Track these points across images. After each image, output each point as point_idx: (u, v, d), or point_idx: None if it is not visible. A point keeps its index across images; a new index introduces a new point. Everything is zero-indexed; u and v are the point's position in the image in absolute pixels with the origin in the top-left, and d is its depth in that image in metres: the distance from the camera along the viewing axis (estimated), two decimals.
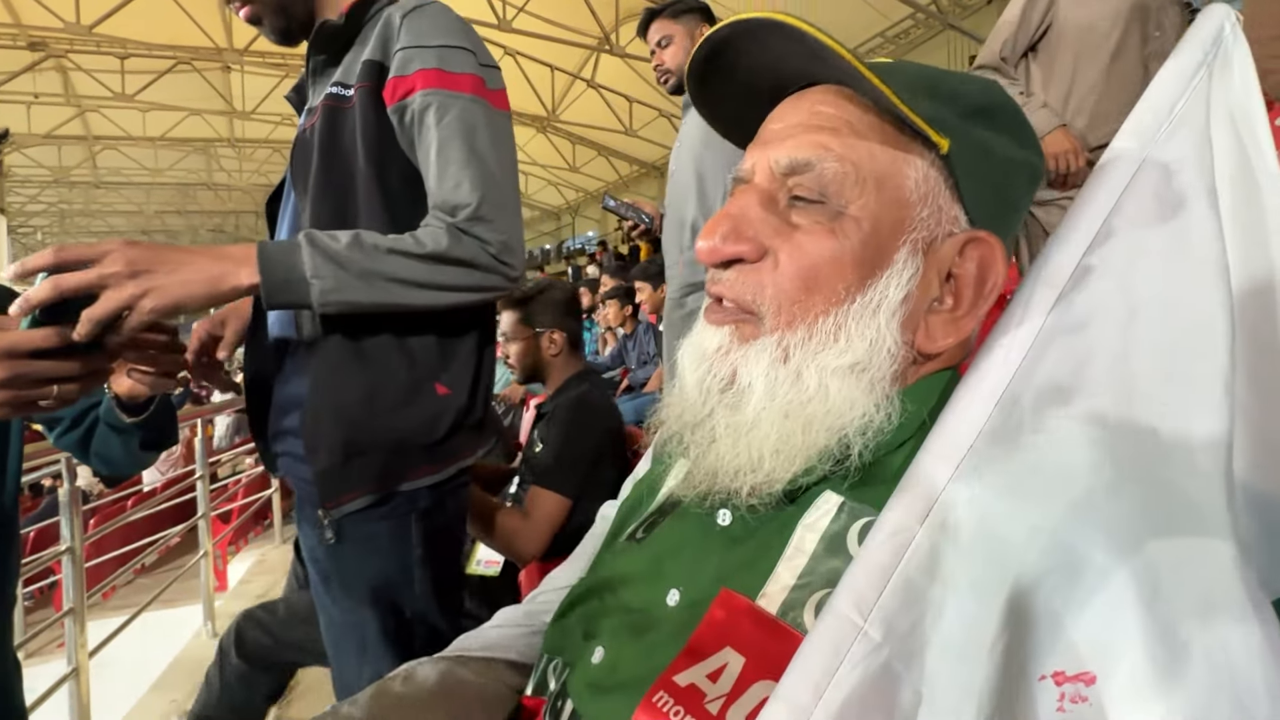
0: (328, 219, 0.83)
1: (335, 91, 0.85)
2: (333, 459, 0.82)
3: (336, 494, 0.82)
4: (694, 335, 0.46)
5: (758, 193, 0.43)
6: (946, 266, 0.42)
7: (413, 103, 0.81)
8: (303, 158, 0.87)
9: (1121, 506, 0.30)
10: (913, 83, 0.41)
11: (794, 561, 0.40)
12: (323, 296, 0.73)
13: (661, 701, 0.38)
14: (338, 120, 0.85)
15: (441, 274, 0.77)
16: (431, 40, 0.82)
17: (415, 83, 0.80)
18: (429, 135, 0.80)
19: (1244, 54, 0.50)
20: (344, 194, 0.84)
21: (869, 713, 0.29)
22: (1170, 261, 0.39)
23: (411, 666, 0.54)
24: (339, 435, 0.82)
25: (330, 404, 0.82)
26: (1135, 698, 0.26)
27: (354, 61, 0.86)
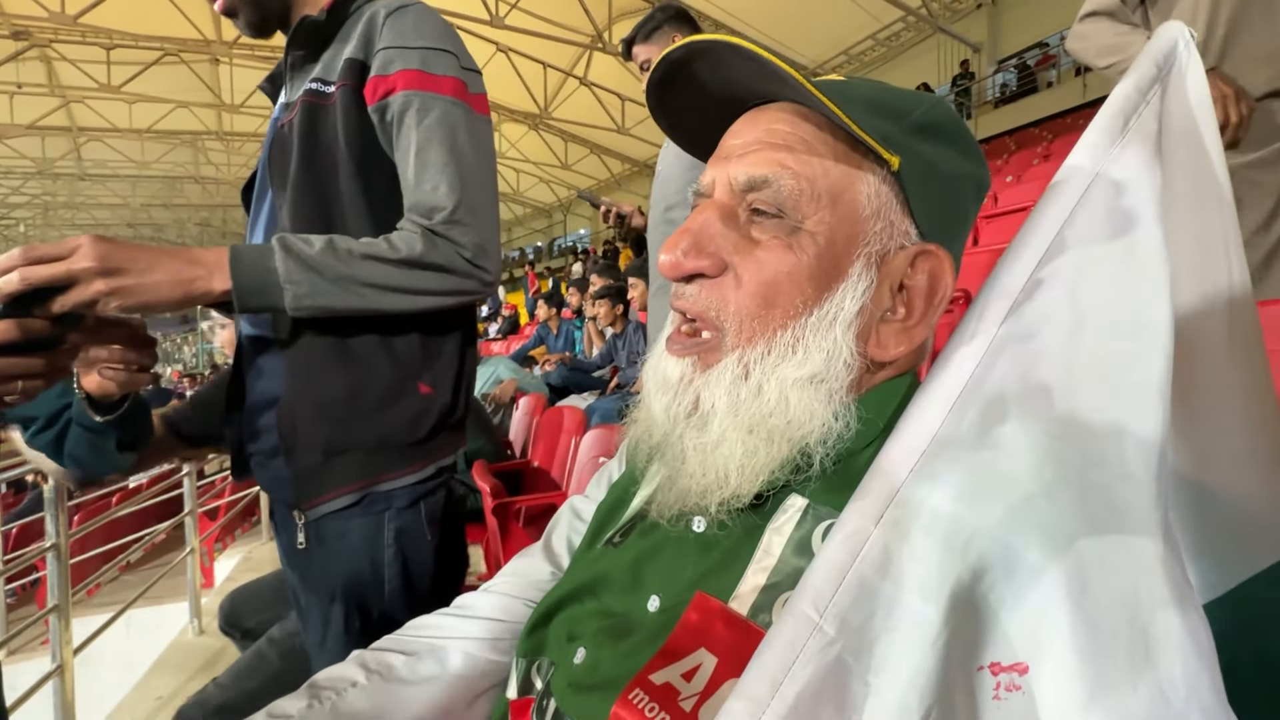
0: (309, 218, 0.82)
1: (315, 88, 0.85)
2: (312, 458, 0.82)
3: (314, 493, 0.82)
4: (657, 363, 0.48)
5: (718, 207, 0.45)
6: (898, 278, 0.44)
7: (393, 103, 0.81)
8: (281, 153, 0.86)
9: (1057, 509, 0.32)
10: (864, 101, 0.43)
11: (763, 564, 0.42)
12: (296, 302, 0.73)
13: (637, 699, 0.40)
14: (318, 118, 0.84)
15: (415, 279, 0.78)
16: (414, 41, 0.82)
17: (396, 83, 0.80)
18: (408, 136, 0.80)
19: (1197, 70, 0.51)
20: (326, 193, 0.84)
21: (821, 704, 0.31)
22: (1116, 275, 0.41)
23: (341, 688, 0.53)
24: (319, 434, 0.82)
25: (310, 402, 0.82)
26: (1063, 686, 0.28)
27: (334, 58, 0.85)
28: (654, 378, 0.47)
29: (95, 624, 2.20)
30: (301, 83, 0.87)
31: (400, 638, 0.59)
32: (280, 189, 0.86)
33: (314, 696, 0.52)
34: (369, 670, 0.54)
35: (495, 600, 0.60)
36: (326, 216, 0.83)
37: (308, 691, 0.53)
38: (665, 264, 0.44)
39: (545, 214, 24.30)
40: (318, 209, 0.83)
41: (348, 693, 0.52)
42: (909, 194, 0.43)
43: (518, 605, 0.59)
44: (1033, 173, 5.98)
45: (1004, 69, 11.59)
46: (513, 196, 22.92)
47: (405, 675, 0.54)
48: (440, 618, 0.60)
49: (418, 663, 0.55)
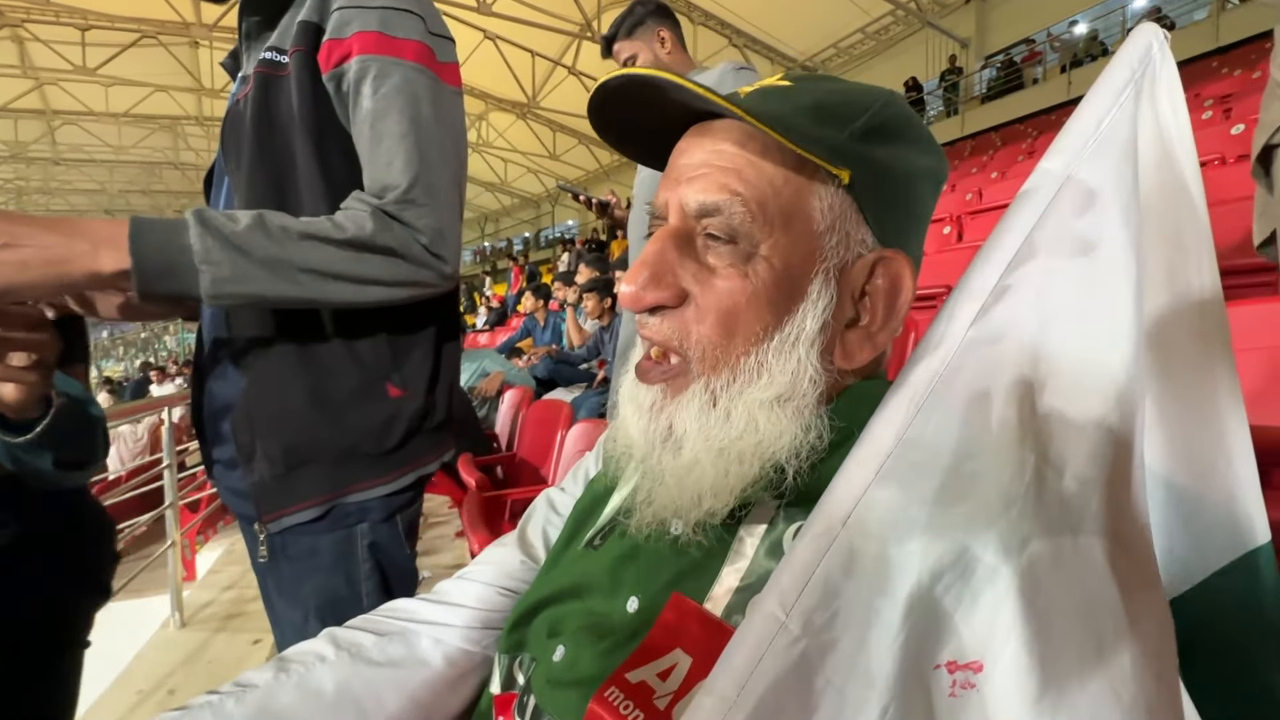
0: (262, 198, 0.74)
1: (269, 58, 0.76)
2: (272, 469, 0.75)
3: (275, 507, 0.75)
4: (630, 385, 0.48)
5: (673, 234, 0.45)
6: (859, 286, 0.44)
7: (349, 69, 0.71)
8: (234, 132, 0.78)
9: (1012, 512, 0.32)
10: (811, 109, 0.43)
11: (736, 566, 0.43)
12: (215, 287, 0.62)
13: (613, 696, 0.40)
14: (271, 90, 0.75)
15: (363, 264, 0.67)
16: (373, 1, 0.72)
17: (352, 46, 0.71)
18: (364, 105, 0.71)
19: (1171, 72, 0.52)
20: (281, 172, 0.75)
21: (785, 699, 0.32)
22: (1082, 280, 0.42)
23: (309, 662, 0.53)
24: (278, 443, 0.74)
25: (267, 409, 0.75)
26: (1016, 683, 0.29)
27: (290, 25, 0.77)
28: (629, 400, 0.48)
29: None
30: (257, 54, 0.79)
31: (374, 618, 0.59)
32: (235, 170, 0.78)
33: (281, 669, 0.52)
34: (339, 647, 0.54)
35: (470, 588, 0.60)
36: (281, 198, 0.74)
37: (276, 664, 0.53)
38: (626, 297, 0.44)
39: (533, 205, 24.13)
40: (271, 190, 0.75)
41: (315, 667, 0.52)
42: (862, 203, 0.43)
43: (491, 593, 0.59)
44: (1017, 169, 6.03)
45: (990, 64, 11.66)
46: (500, 186, 22.75)
47: (374, 656, 0.54)
48: (415, 602, 0.60)
49: (388, 644, 0.55)
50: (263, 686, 0.50)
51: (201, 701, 0.49)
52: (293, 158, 0.75)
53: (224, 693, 0.50)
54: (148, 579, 2.82)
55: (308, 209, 0.74)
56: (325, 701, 0.51)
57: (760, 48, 12.94)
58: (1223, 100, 5.09)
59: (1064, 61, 10.43)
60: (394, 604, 0.60)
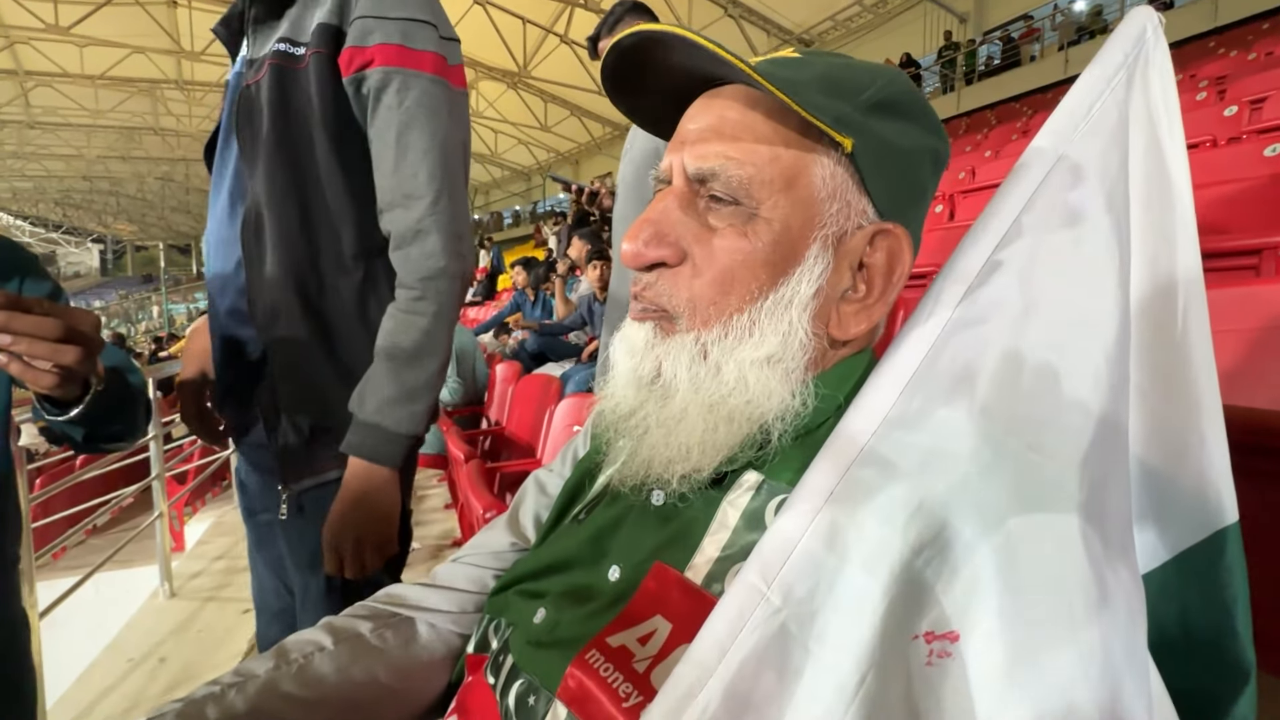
0: (284, 190, 0.81)
1: (284, 49, 0.81)
2: (298, 437, 0.82)
3: (301, 472, 0.83)
4: (624, 330, 0.48)
5: (677, 195, 0.45)
6: (857, 257, 0.44)
7: (370, 77, 0.78)
8: (248, 115, 0.83)
9: (991, 489, 0.33)
10: (817, 80, 0.42)
11: (718, 536, 0.43)
12: (414, 429, 0.81)
13: (593, 659, 0.41)
14: (287, 81, 0.81)
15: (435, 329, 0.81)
16: (393, 10, 0.79)
17: (374, 56, 0.78)
18: (388, 116, 0.79)
19: (1164, 57, 0.52)
20: (302, 165, 0.82)
21: (764, 669, 0.33)
22: (1065, 263, 0.42)
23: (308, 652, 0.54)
24: (306, 416, 0.83)
25: (294, 383, 0.83)
26: (990, 652, 0.30)
27: (303, 16, 0.83)
28: (622, 345, 0.48)
29: (62, 587, 2.18)
30: (266, 39, 0.84)
31: (371, 605, 0.60)
32: (250, 156, 0.84)
33: (281, 659, 0.53)
34: (337, 637, 0.55)
35: (464, 571, 0.61)
36: (302, 189, 0.82)
37: (275, 654, 0.54)
38: (627, 253, 0.44)
39: (524, 177, 23.78)
40: (293, 181, 0.82)
41: (315, 657, 0.53)
42: (864, 174, 0.43)
43: (486, 576, 0.60)
44: (1011, 148, 6.01)
45: (989, 40, 11.53)
46: (490, 158, 22.36)
47: (372, 643, 0.55)
48: (410, 588, 0.61)
49: (385, 631, 0.57)
50: (264, 676, 0.51)
51: (204, 693, 0.49)
52: (312, 152, 0.82)
53: (225, 684, 0.50)
54: (136, 549, 2.83)
55: (328, 196, 0.83)
56: (326, 690, 0.52)
57: (756, 19, 12.70)
58: (1218, 81, 5.07)
59: (1063, 40, 10.33)
60: (390, 590, 0.61)
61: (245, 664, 0.53)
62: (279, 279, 0.82)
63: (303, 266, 0.82)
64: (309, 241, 0.83)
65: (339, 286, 0.84)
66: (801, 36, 13.01)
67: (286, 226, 0.82)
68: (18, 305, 0.59)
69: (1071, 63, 9.63)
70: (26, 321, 0.59)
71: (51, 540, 2.47)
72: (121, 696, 2.11)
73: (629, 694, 0.38)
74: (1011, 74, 10.75)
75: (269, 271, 0.82)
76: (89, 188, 27.34)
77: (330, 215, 0.83)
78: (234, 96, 0.86)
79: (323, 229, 0.83)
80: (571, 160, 20.32)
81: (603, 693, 0.39)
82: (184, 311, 28.53)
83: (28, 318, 0.59)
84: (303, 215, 0.83)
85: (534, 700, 0.43)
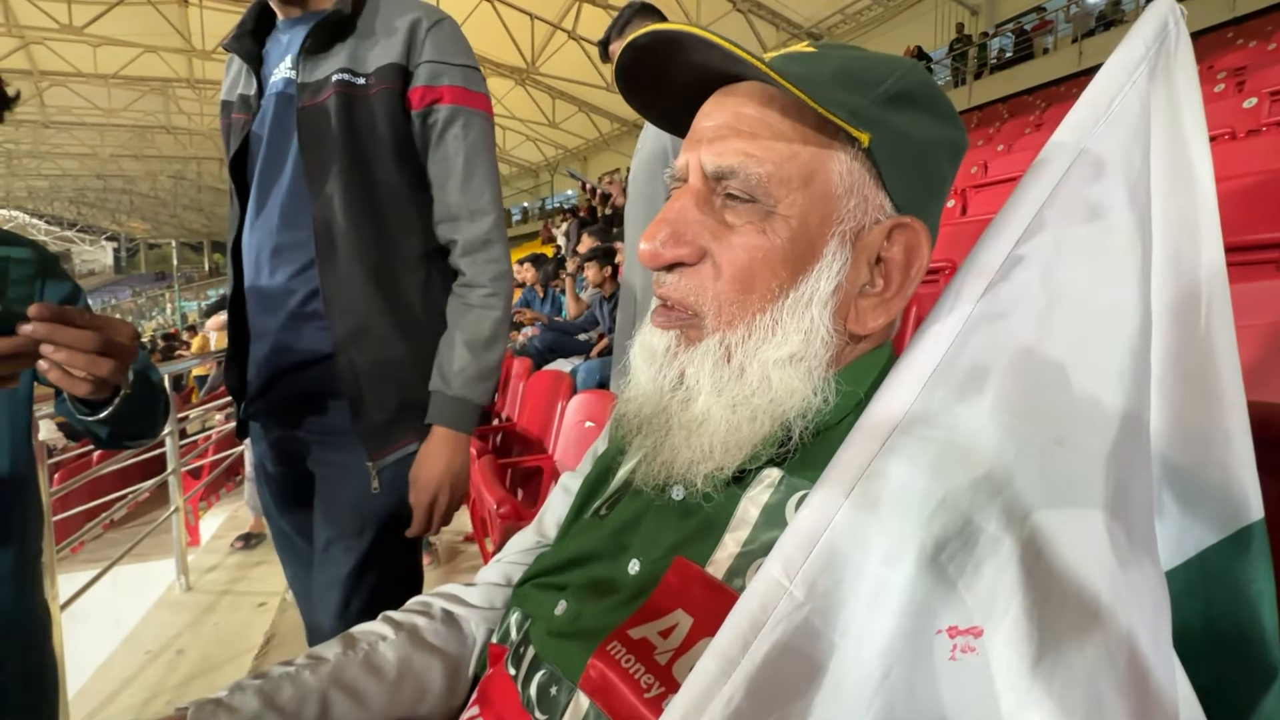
0: (360, 201, 0.94)
1: (347, 79, 0.93)
2: (385, 414, 0.95)
3: (384, 445, 0.95)
4: (643, 335, 0.48)
5: (693, 193, 0.45)
6: (875, 252, 0.44)
7: (439, 112, 0.96)
8: (316, 135, 0.93)
9: (1016, 484, 0.33)
10: (833, 74, 0.42)
11: (738, 532, 0.43)
12: (488, 400, 0.99)
13: (615, 650, 0.41)
14: (354, 107, 0.93)
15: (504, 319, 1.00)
16: (455, 58, 0.97)
17: (444, 95, 0.96)
18: (455, 145, 0.97)
19: (1186, 49, 0.51)
20: (374, 180, 0.95)
21: (788, 662, 0.33)
22: (1089, 257, 0.42)
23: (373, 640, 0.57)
24: (392, 393, 0.96)
25: (380, 370, 0.95)
26: (1014, 647, 0.30)
27: (359, 50, 0.95)
28: (641, 351, 0.48)
29: (81, 580, 2.21)
30: (318, 66, 0.95)
31: (426, 600, 0.63)
32: (318, 171, 0.94)
33: (349, 645, 0.56)
34: (398, 628, 0.59)
35: (502, 570, 0.64)
36: (378, 202, 0.95)
37: (343, 640, 0.57)
38: (645, 253, 0.44)
39: (532, 174, 23.79)
40: (369, 196, 0.95)
41: (379, 645, 0.57)
42: (882, 168, 0.43)
43: (516, 574, 0.62)
44: (1024, 142, 5.94)
45: (1001, 33, 11.39)
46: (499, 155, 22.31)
47: (429, 638, 0.59)
48: (460, 588, 0.64)
49: (440, 627, 0.60)
50: (333, 660, 0.55)
51: (280, 672, 0.53)
52: (382, 171, 0.96)
53: (299, 664, 0.54)
54: (152, 544, 2.87)
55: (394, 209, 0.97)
56: (387, 676, 0.55)
57: (765, 13, 12.60)
58: (1236, 73, 4.99)
59: (1078, 32, 10.18)
60: (442, 588, 0.65)
61: (316, 648, 0.56)
62: (359, 280, 0.94)
63: (380, 269, 0.95)
64: (383, 247, 0.96)
65: (409, 285, 0.98)
66: (811, 30, 12.91)
67: (365, 235, 0.94)
68: (61, 317, 0.61)
69: (1086, 55, 9.49)
70: (69, 334, 0.61)
71: (71, 534, 2.51)
72: (140, 688, 2.14)
73: (650, 685, 0.39)
74: (1024, 67, 10.60)
75: (345, 274, 0.94)
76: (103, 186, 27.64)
77: (399, 224, 0.97)
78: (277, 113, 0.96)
79: (394, 236, 0.97)
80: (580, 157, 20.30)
81: (624, 683, 0.39)
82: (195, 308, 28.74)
83: (70, 330, 0.61)
84: (378, 225, 0.95)
85: (555, 690, 0.43)
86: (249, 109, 1.00)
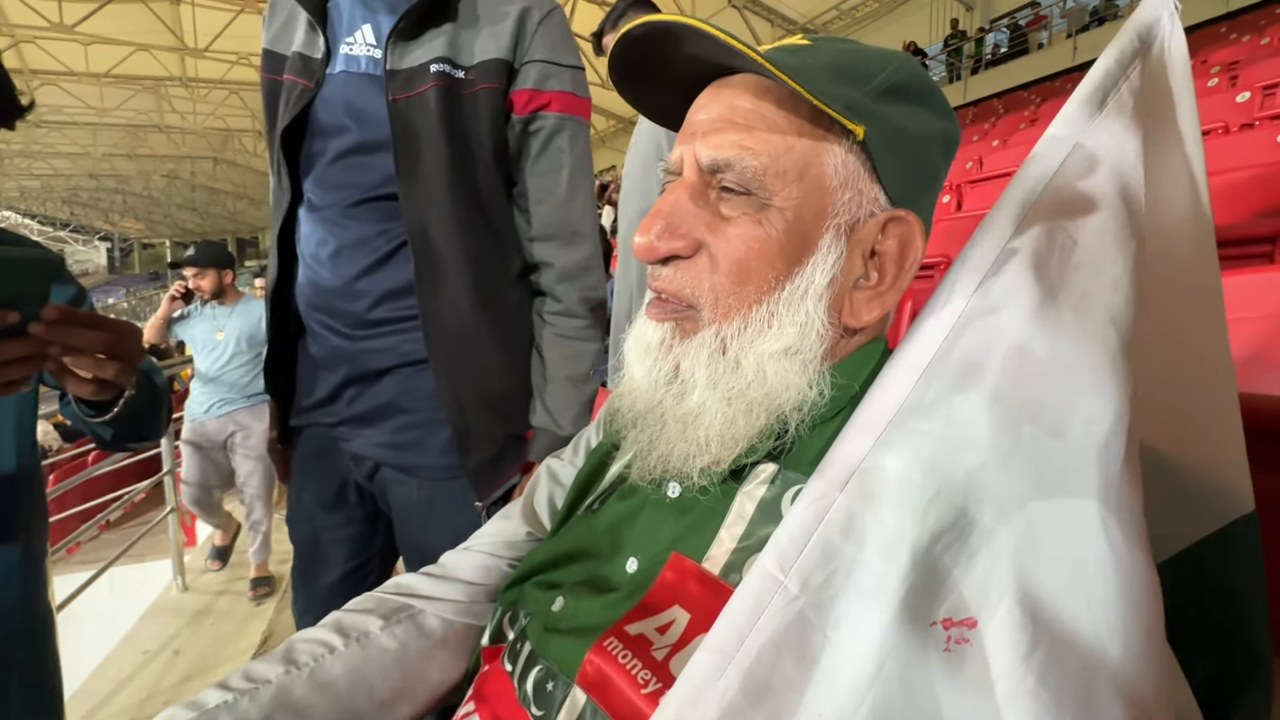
0: (465, 209, 0.85)
1: (447, 70, 0.83)
2: (492, 450, 0.88)
3: (492, 481, 0.88)
4: (637, 328, 0.48)
5: (688, 186, 0.45)
6: (869, 245, 0.44)
7: (547, 120, 0.88)
8: (411, 131, 0.83)
9: (1009, 476, 0.33)
10: (828, 67, 0.42)
11: (734, 528, 0.43)
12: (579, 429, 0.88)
13: (612, 646, 0.41)
14: (453, 104, 0.84)
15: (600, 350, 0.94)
16: (565, 58, 0.88)
17: (551, 101, 0.87)
18: (559, 158, 0.89)
19: (1180, 44, 0.51)
20: (477, 186, 0.86)
21: (783, 655, 0.33)
22: (1080, 249, 0.42)
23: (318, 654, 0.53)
24: (499, 427, 0.89)
25: (483, 397, 0.87)
26: (1008, 637, 0.30)
27: (459, 37, 0.84)
28: (635, 344, 0.48)
29: (78, 581, 2.21)
30: (410, 51, 0.83)
31: (380, 596, 0.59)
32: (411, 170, 0.83)
33: (291, 662, 0.52)
34: (346, 636, 0.55)
35: (476, 560, 0.61)
36: (482, 210, 0.87)
37: (284, 656, 0.53)
38: (640, 246, 0.44)
39: None
40: (475, 203, 0.86)
41: (325, 659, 0.53)
42: (876, 161, 0.43)
43: (500, 565, 0.61)
44: (1019, 137, 5.95)
45: (996, 28, 11.39)
46: None
47: (384, 641, 0.55)
48: (419, 579, 0.60)
49: (395, 626, 0.56)
50: (275, 682, 0.50)
51: (216, 701, 0.48)
52: (484, 176, 0.87)
53: (236, 689, 0.49)
54: (149, 544, 2.86)
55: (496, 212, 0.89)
56: (339, 691, 0.52)
57: (760, 9, 12.58)
58: (1229, 67, 5.00)
59: (1072, 27, 10.19)
60: (399, 580, 0.61)
61: (254, 668, 0.51)
62: (467, 304, 0.85)
63: (485, 290, 0.87)
64: (487, 266, 0.88)
65: (510, 308, 0.91)
66: (806, 26, 12.89)
67: (470, 252, 0.85)
68: (70, 319, 0.60)
69: (1080, 50, 9.50)
70: (76, 336, 0.61)
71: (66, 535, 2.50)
72: (138, 688, 2.14)
73: (648, 680, 0.39)
74: (1019, 62, 10.62)
75: (451, 297, 0.85)
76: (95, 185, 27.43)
77: (501, 240, 0.90)
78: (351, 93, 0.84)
79: (498, 254, 0.90)
80: None
81: (621, 679, 0.39)
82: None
83: (79, 332, 0.61)
84: (481, 240, 0.87)
85: (552, 686, 0.43)
86: (310, 74, 0.85)
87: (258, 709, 0.48)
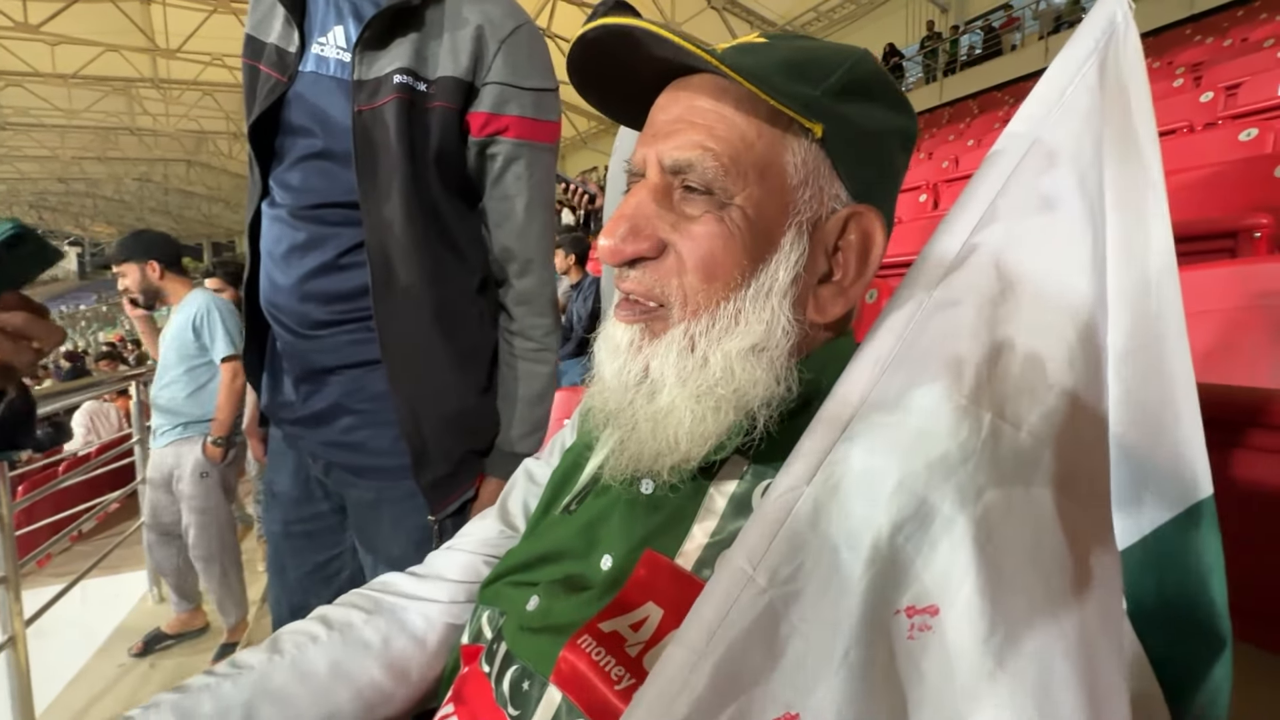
0: (423, 225, 0.84)
1: (408, 83, 0.82)
2: (448, 466, 0.88)
3: (445, 497, 0.89)
4: (607, 329, 0.48)
5: (650, 188, 0.45)
6: (832, 241, 0.45)
7: (504, 146, 0.87)
8: (372, 145, 0.82)
9: (969, 466, 0.34)
10: (784, 65, 0.43)
11: (706, 523, 0.44)
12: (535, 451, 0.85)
13: (586, 644, 0.42)
14: (415, 118, 0.83)
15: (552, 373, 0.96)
16: (527, 81, 0.86)
17: (509, 127, 0.86)
18: (515, 186, 0.88)
19: (1134, 42, 0.53)
20: (433, 204, 0.86)
21: (752, 647, 0.33)
22: (1040, 245, 0.43)
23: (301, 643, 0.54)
24: (455, 445, 0.89)
25: (441, 415, 0.87)
26: (968, 623, 0.31)
27: (423, 49, 0.83)
28: (605, 345, 0.48)
29: (50, 594, 2.15)
30: (376, 60, 0.82)
31: (365, 593, 0.60)
32: (371, 183, 0.83)
33: (275, 650, 0.54)
34: (330, 627, 0.56)
35: (458, 559, 0.62)
36: (435, 231, 0.86)
37: (269, 645, 0.54)
38: (605, 249, 0.44)
39: None
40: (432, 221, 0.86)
41: (308, 648, 0.54)
42: (835, 158, 0.44)
43: (478, 563, 0.61)
44: (993, 137, 5.98)
45: (970, 30, 11.58)
46: None
47: (366, 634, 0.56)
48: (403, 578, 0.61)
49: (378, 621, 0.57)
50: (258, 668, 0.52)
51: (200, 684, 0.50)
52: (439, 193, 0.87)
53: (220, 674, 0.51)
54: (122, 555, 2.80)
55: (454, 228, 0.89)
56: (319, 681, 0.53)
57: (739, 9, 12.67)
58: (1194, 68, 5.13)
59: (1044, 29, 10.39)
60: (383, 579, 0.62)
61: (241, 655, 0.53)
62: (426, 321, 0.85)
63: (442, 307, 0.87)
64: (444, 282, 0.87)
65: (468, 324, 0.91)
66: (785, 28, 13.00)
67: (426, 269, 0.85)
68: None
69: (1052, 51, 9.57)
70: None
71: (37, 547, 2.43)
72: (114, 701, 2.09)
73: (621, 677, 0.39)
74: (993, 63, 10.80)
75: (407, 313, 0.85)
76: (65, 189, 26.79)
77: (459, 256, 0.90)
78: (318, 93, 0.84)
79: (455, 269, 0.89)
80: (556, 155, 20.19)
81: (595, 675, 0.40)
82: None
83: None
84: (438, 256, 0.87)
85: (528, 685, 0.43)
86: (284, 69, 0.85)
87: (239, 692, 0.50)
